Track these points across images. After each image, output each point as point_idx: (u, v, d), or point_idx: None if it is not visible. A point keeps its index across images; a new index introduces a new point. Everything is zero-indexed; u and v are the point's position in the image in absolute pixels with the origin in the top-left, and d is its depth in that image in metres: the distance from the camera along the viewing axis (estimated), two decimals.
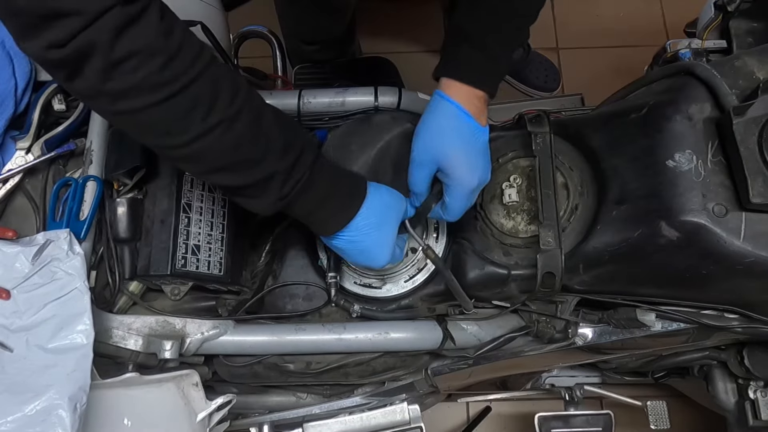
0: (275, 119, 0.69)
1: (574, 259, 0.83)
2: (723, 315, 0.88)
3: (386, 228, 0.78)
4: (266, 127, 0.68)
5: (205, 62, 0.62)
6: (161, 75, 0.59)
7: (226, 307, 0.92)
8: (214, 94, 0.63)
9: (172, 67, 0.59)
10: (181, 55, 0.60)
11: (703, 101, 0.78)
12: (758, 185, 0.72)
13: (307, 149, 0.71)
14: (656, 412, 1.30)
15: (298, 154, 0.70)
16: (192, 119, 0.62)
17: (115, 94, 0.59)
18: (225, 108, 0.64)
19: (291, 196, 0.71)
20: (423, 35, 1.99)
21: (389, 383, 0.98)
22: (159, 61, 0.58)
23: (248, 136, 0.66)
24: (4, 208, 0.92)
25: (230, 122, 0.64)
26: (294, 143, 0.70)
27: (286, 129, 0.71)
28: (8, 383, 0.73)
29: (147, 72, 0.58)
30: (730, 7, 0.95)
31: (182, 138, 0.63)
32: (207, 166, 0.68)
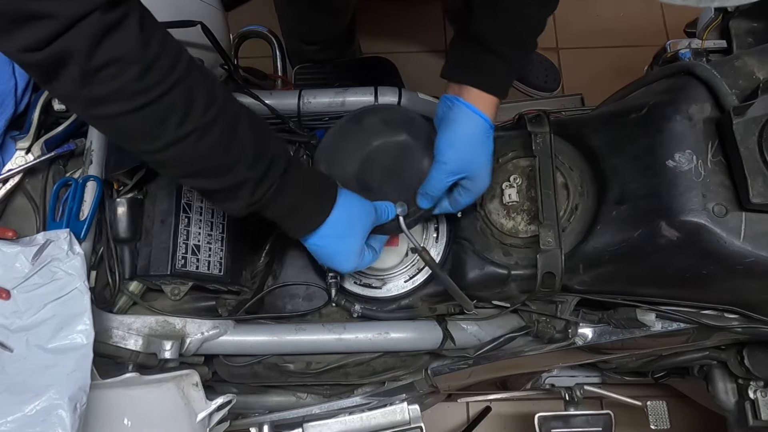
0: (249, 128, 0.70)
1: (574, 259, 0.83)
2: (723, 315, 0.88)
3: (350, 239, 0.80)
4: (239, 136, 0.69)
5: (182, 71, 0.63)
6: (138, 84, 0.59)
7: (226, 307, 0.92)
8: (188, 103, 0.64)
9: (149, 76, 0.60)
10: (158, 64, 0.60)
11: (703, 101, 0.78)
12: (758, 185, 0.72)
13: (279, 158, 0.73)
14: (656, 412, 1.30)
15: (269, 163, 0.71)
16: (166, 127, 0.63)
17: (91, 100, 0.60)
18: (199, 117, 0.64)
19: (261, 203, 0.73)
20: (423, 35, 1.99)
21: (389, 383, 0.98)
22: (136, 70, 0.59)
23: (221, 145, 0.67)
24: (4, 208, 0.92)
25: (203, 130, 0.65)
26: (265, 152, 0.72)
27: (259, 137, 0.72)
28: (8, 383, 0.73)
29: (124, 81, 0.59)
30: (730, 7, 0.95)
31: (156, 144, 0.65)
32: (179, 171, 0.71)
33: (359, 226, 0.81)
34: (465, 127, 0.81)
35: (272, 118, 1.00)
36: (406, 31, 1.99)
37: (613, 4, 2.03)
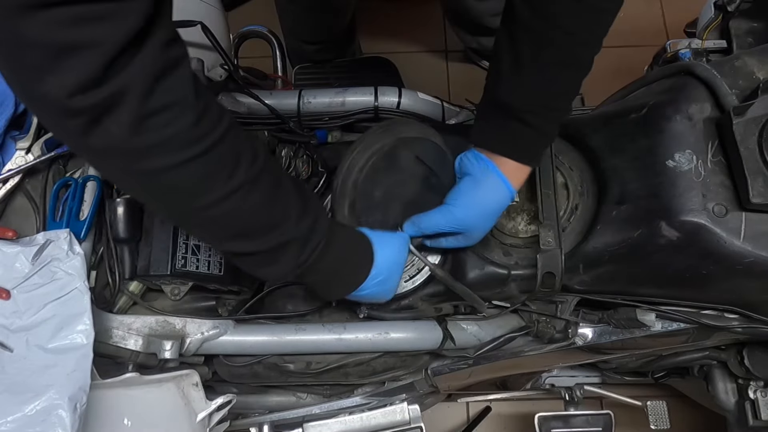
0: (293, 184, 0.68)
1: (574, 259, 0.83)
2: (723, 315, 0.88)
3: (392, 281, 0.81)
4: (285, 191, 0.67)
5: (228, 122, 0.59)
6: (191, 133, 0.55)
7: (226, 307, 0.92)
8: (236, 156, 0.60)
9: (202, 125, 0.56)
10: (209, 113, 0.57)
11: (703, 101, 0.78)
12: (758, 185, 0.72)
13: (322, 215, 0.71)
14: (656, 412, 1.29)
15: (314, 219, 0.69)
16: (216, 180, 0.59)
17: (139, 151, 0.54)
18: (247, 170, 0.61)
19: (306, 264, 0.70)
20: (423, 35, 1.99)
21: (389, 383, 0.98)
22: (191, 117, 0.54)
23: (268, 200, 0.64)
24: (4, 208, 0.92)
25: (252, 184, 0.62)
26: (309, 209, 0.69)
27: (301, 194, 0.69)
28: (8, 383, 0.73)
29: (178, 129, 0.54)
30: (730, 7, 0.95)
31: (204, 200, 0.60)
32: (227, 231, 0.66)
33: (401, 265, 0.81)
34: (490, 194, 0.79)
35: (272, 118, 1.00)
36: (406, 31, 1.99)
37: None
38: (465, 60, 1.93)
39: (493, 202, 0.80)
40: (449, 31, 1.97)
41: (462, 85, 1.87)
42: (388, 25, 1.97)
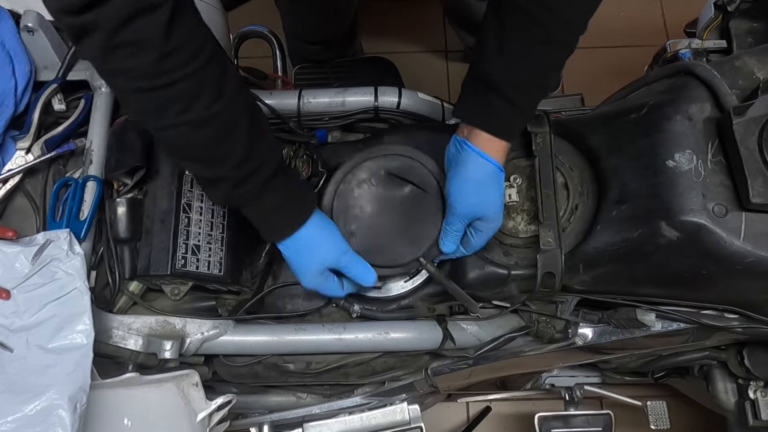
0: (246, 131, 0.73)
1: (574, 259, 0.83)
2: (723, 315, 0.88)
3: (306, 258, 0.82)
4: (233, 136, 0.72)
5: (198, 65, 0.66)
6: (150, 68, 0.64)
7: (226, 307, 0.92)
8: (194, 96, 0.67)
9: (163, 64, 0.64)
10: (175, 54, 0.64)
11: (703, 101, 0.78)
12: (758, 185, 0.72)
13: (266, 166, 0.76)
14: (656, 412, 1.29)
15: (255, 168, 0.74)
16: (167, 113, 0.68)
17: (107, 71, 0.67)
18: (201, 110, 0.68)
19: (236, 202, 0.78)
20: (423, 35, 1.99)
21: (389, 383, 0.98)
22: (153, 56, 0.62)
23: (213, 140, 0.71)
24: (4, 208, 0.92)
25: (200, 123, 0.69)
26: (255, 157, 0.74)
27: (254, 142, 0.74)
28: (8, 383, 0.73)
29: (138, 63, 0.63)
30: (730, 7, 0.95)
31: (156, 124, 0.70)
32: (177, 152, 0.77)
33: (318, 252, 0.82)
34: (473, 172, 0.81)
35: (272, 118, 1.00)
36: (406, 31, 1.99)
37: (613, 4, 2.03)
38: (465, 60, 1.93)
39: (481, 180, 0.81)
40: (449, 31, 1.97)
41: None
42: (388, 25, 1.97)
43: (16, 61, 0.93)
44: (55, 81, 0.95)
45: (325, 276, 0.84)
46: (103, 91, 0.95)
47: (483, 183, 0.81)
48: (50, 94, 0.94)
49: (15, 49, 0.94)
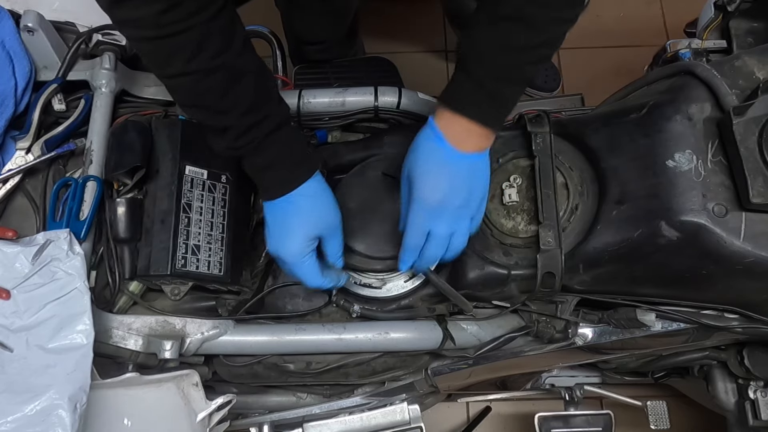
0: (253, 84, 0.76)
1: (574, 259, 0.83)
2: (723, 315, 0.88)
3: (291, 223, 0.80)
4: (240, 88, 0.75)
5: (205, 16, 0.69)
6: (158, 18, 0.67)
7: (226, 307, 0.92)
8: (200, 46, 0.71)
9: (169, 15, 0.67)
10: (182, 5, 0.67)
11: (703, 101, 0.78)
12: (758, 185, 0.72)
13: (270, 120, 0.77)
14: (656, 412, 1.29)
15: (259, 120, 0.76)
16: (174, 60, 0.72)
17: (119, 21, 0.71)
18: (207, 60, 0.72)
19: (238, 152, 0.79)
20: (423, 35, 1.99)
21: (389, 383, 0.98)
22: (160, 6, 0.66)
23: (218, 90, 0.74)
24: (4, 208, 0.92)
25: (206, 73, 0.72)
26: (260, 109, 0.76)
27: (260, 95, 0.77)
28: (8, 383, 0.73)
29: (147, 12, 0.67)
30: (730, 7, 0.95)
31: (165, 71, 0.74)
32: (184, 100, 0.80)
33: (308, 217, 0.80)
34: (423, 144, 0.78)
35: None
36: (406, 31, 1.99)
37: (613, 4, 2.03)
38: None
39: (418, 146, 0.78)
40: (449, 31, 1.97)
41: None
42: (388, 25, 1.97)
43: (16, 61, 0.93)
44: (55, 81, 0.95)
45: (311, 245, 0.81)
46: (103, 91, 0.95)
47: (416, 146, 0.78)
48: (50, 94, 0.94)
49: (15, 49, 0.94)
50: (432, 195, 0.77)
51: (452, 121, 0.76)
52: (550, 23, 0.72)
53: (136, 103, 0.99)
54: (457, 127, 0.76)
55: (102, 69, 0.95)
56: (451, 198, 0.78)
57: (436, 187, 0.77)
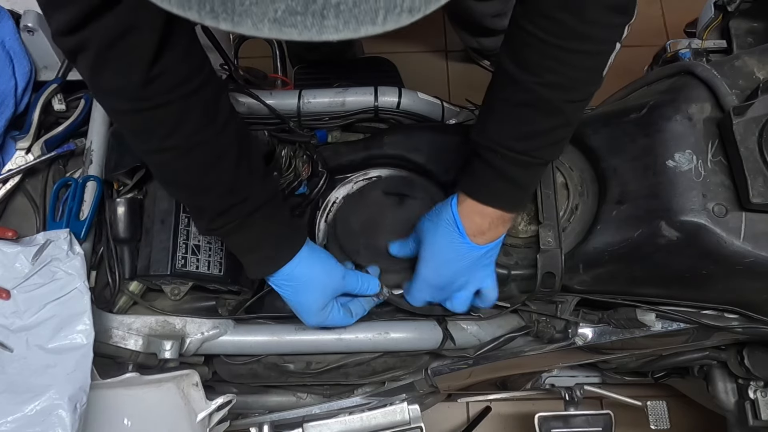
0: (234, 163, 0.73)
1: (574, 259, 0.83)
2: (723, 315, 0.88)
3: (306, 294, 0.81)
4: (220, 167, 0.72)
5: (184, 92, 0.66)
6: (138, 91, 0.64)
7: (226, 307, 0.92)
8: (177, 122, 0.68)
9: (150, 87, 0.64)
10: (162, 78, 0.64)
11: (703, 101, 0.78)
12: (758, 185, 0.72)
13: (250, 200, 0.74)
14: (656, 412, 1.29)
15: (238, 201, 0.74)
16: (153, 135, 0.69)
17: (98, 90, 0.69)
18: (186, 137, 0.69)
19: (217, 233, 0.77)
20: (423, 35, 1.99)
21: (389, 383, 0.98)
22: (140, 77, 0.63)
23: (197, 170, 0.72)
24: (4, 208, 0.92)
25: (185, 151, 0.70)
26: (240, 191, 0.74)
27: (240, 174, 0.74)
28: (8, 383, 0.73)
29: (127, 83, 0.64)
30: (730, 7, 0.95)
31: (145, 146, 0.72)
32: (159, 176, 0.78)
33: (316, 286, 0.81)
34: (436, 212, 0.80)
35: (272, 118, 1.00)
36: (406, 31, 1.98)
37: None
38: (465, 60, 1.93)
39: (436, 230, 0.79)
40: (449, 31, 1.97)
41: (462, 85, 1.87)
42: None
43: (16, 61, 0.93)
44: (55, 81, 0.95)
45: (329, 308, 0.83)
46: None
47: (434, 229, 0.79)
48: (50, 94, 0.95)
49: (15, 49, 0.94)
50: (436, 280, 0.82)
51: (474, 212, 0.77)
52: (566, 105, 0.71)
53: None
54: (478, 219, 0.77)
55: None
56: (455, 281, 0.82)
57: (441, 275, 0.81)
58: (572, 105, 0.71)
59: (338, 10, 0.32)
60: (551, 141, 0.74)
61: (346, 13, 0.32)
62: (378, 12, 0.33)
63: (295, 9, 0.32)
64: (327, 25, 0.32)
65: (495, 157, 0.74)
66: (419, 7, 0.35)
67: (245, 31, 0.33)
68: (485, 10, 1.55)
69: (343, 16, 0.32)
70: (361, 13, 0.33)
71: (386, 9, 0.33)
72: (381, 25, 0.34)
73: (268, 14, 0.32)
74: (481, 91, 0.82)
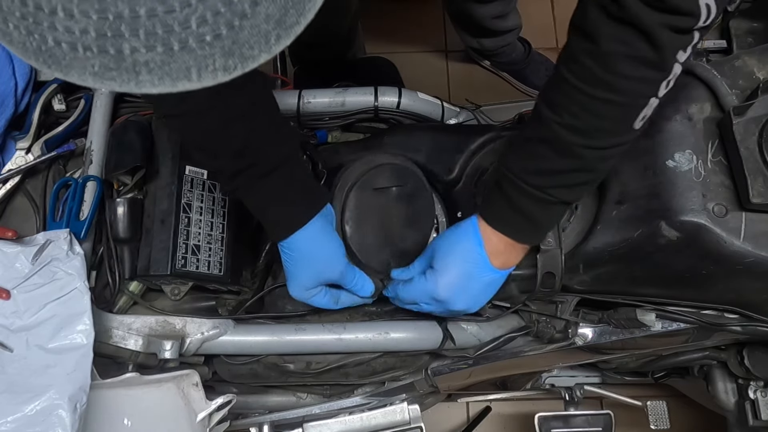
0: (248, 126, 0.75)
1: (574, 259, 0.83)
2: (723, 315, 0.88)
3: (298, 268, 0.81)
4: (232, 130, 0.74)
5: None
6: None
7: (226, 307, 0.92)
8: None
9: None
10: None
11: (704, 101, 0.78)
12: (758, 185, 0.72)
13: (264, 162, 0.75)
14: (656, 412, 1.29)
15: (250, 163, 0.75)
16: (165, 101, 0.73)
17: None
18: (198, 101, 0.71)
19: (236, 193, 0.81)
20: (423, 35, 1.99)
21: (389, 383, 0.98)
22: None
23: (209, 133, 0.75)
24: (4, 208, 0.92)
25: (197, 115, 0.73)
26: (253, 153, 0.75)
27: (254, 138, 0.75)
28: (8, 383, 0.73)
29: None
30: (730, 7, 0.95)
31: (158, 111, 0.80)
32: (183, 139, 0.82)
33: (312, 266, 0.81)
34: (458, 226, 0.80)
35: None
36: (406, 31, 1.99)
37: None
38: (465, 60, 1.93)
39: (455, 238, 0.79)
40: (449, 31, 1.97)
41: (462, 85, 1.87)
42: (388, 25, 1.97)
43: (16, 61, 0.93)
44: (55, 81, 0.95)
45: (316, 291, 0.83)
46: (103, 91, 0.95)
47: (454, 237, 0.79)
48: (50, 94, 0.94)
49: None
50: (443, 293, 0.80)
51: (491, 233, 0.77)
52: (583, 150, 0.70)
53: (136, 103, 0.99)
54: (495, 239, 0.77)
55: None
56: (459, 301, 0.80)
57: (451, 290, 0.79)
58: (592, 152, 0.70)
59: (148, 68, 0.33)
60: (567, 183, 0.73)
61: (157, 71, 0.33)
62: (190, 70, 0.34)
63: (108, 65, 0.33)
64: (142, 80, 0.34)
65: (510, 186, 0.75)
66: (234, 66, 0.35)
67: (74, 80, 0.34)
68: (486, 12, 1.56)
69: (155, 73, 0.34)
70: (173, 71, 0.34)
71: (198, 67, 0.34)
72: (197, 81, 0.35)
73: (87, 68, 0.33)
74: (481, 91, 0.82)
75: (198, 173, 0.89)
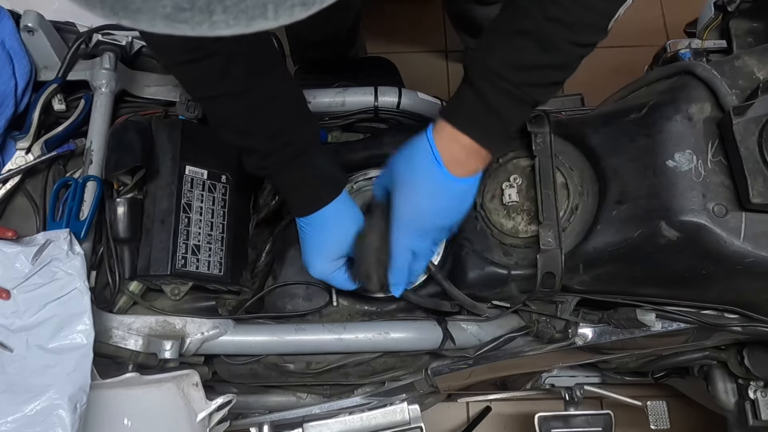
0: (280, 109, 0.78)
1: (574, 259, 0.83)
2: (723, 315, 0.88)
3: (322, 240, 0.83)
4: (266, 112, 0.77)
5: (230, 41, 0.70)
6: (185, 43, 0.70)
7: (226, 307, 0.92)
8: (226, 70, 0.73)
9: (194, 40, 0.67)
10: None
11: (703, 101, 0.78)
12: (758, 185, 0.72)
13: (295, 144, 0.78)
14: (656, 412, 1.29)
15: (284, 144, 0.78)
16: (203, 83, 0.76)
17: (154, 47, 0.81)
18: (234, 83, 0.74)
19: (268, 171, 0.82)
20: (423, 35, 1.99)
21: (389, 383, 0.98)
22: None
23: (244, 114, 0.77)
24: (4, 208, 0.92)
25: (233, 97, 0.75)
26: (285, 134, 0.78)
27: (286, 120, 0.79)
28: (8, 383, 0.73)
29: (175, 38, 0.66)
30: (730, 7, 0.95)
31: (197, 94, 0.82)
32: (215, 121, 0.83)
33: (338, 231, 0.82)
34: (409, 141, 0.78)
35: None
36: (406, 31, 1.99)
37: None
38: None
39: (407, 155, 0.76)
40: (449, 31, 1.97)
41: None
42: (388, 25, 1.97)
43: (16, 61, 0.93)
44: (55, 81, 0.95)
45: (338, 263, 0.84)
46: (103, 91, 0.95)
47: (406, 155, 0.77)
48: (50, 94, 0.94)
49: (15, 49, 0.94)
50: (417, 218, 0.78)
51: (452, 140, 0.74)
52: (567, 45, 0.69)
53: (136, 103, 0.99)
54: (456, 148, 0.74)
55: (102, 69, 0.95)
56: (436, 221, 0.79)
57: (422, 211, 0.77)
58: (573, 47, 0.70)
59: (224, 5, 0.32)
60: (544, 80, 0.72)
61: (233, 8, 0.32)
62: (267, 6, 0.33)
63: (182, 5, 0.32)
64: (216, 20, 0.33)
65: (485, 85, 0.71)
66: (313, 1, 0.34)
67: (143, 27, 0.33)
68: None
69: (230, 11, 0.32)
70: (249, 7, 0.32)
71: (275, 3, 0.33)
72: (273, 19, 0.33)
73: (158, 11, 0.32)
74: None
75: (198, 173, 0.89)
